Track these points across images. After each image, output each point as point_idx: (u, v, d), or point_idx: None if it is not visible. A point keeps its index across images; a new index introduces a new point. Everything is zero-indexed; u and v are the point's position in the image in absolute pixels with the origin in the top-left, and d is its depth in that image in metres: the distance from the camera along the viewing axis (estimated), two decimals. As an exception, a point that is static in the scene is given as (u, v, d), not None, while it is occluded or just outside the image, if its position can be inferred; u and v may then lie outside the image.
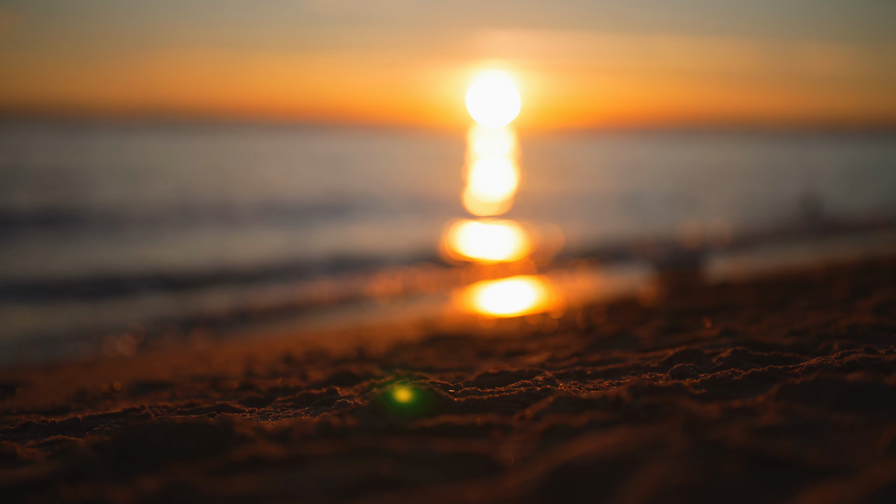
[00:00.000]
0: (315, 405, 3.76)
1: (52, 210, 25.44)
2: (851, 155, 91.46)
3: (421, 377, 3.97)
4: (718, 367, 3.68)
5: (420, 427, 2.68)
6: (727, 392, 3.17)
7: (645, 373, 3.84)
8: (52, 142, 76.33)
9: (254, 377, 5.25)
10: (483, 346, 5.69)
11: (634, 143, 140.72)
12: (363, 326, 9.52)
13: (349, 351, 6.44)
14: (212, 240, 21.77)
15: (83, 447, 2.58)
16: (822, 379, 2.82)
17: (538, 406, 2.91)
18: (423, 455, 2.30)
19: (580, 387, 3.65)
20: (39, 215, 24.36)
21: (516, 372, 3.94)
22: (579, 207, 29.54)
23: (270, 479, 2.18)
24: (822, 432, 2.42)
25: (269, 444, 2.60)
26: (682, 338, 4.92)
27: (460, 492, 2.00)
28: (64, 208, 26.14)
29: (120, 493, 2.13)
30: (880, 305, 5.46)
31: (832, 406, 2.70)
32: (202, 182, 38.36)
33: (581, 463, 2.03)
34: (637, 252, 19.67)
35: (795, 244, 21.65)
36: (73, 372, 7.03)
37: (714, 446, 2.05)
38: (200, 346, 8.52)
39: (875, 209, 32.95)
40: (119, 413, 3.82)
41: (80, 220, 24.26)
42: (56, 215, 24.52)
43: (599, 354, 4.52)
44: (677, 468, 1.91)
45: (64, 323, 11.37)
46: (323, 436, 2.62)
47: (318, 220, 26.00)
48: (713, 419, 2.47)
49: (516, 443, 2.54)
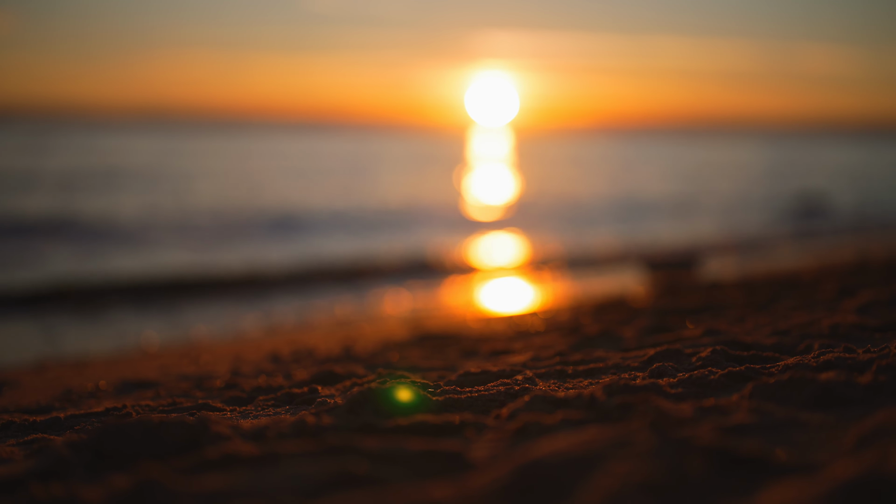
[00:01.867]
0: (296, 404, 3.78)
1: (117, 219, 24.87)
2: (850, 155, 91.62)
3: (402, 376, 3.99)
4: (697, 366, 3.69)
5: (395, 426, 2.70)
6: (702, 391, 3.18)
7: (625, 372, 3.86)
8: (55, 142, 75.89)
9: (239, 376, 5.26)
10: (469, 346, 5.70)
11: (633, 143, 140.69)
12: (353, 326, 9.53)
13: (336, 350, 6.46)
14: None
15: (59, 446, 2.59)
16: (795, 378, 2.84)
17: (514, 405, 2.92)
18: (394, 453, 2.32)
19: (559, 386, 3.67)
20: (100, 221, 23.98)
21: (497, 371, 3.95)
22: (576, 214, 29.31)
23: (241, 477, 2.20)
24: (792, 431, 2.44)
25: (244, 442, 2.62)
26: (666, 337, 4.94)
27: (427, 490, 2.02)
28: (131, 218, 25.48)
29: (91, 491, 2.15)
30: (864, 305, 5.47)
31: (803, 405, 2.72)
32: (230, 188, 37.63)
33: (547, 461, 2.04)
34: (629, 254, 19.70)
35: (789, 244, 21.68)
36: (61, 371, 7.04)
37: (680, 445, 2.07)
38: (189, 346, 8.54)
39: (869, 208, 33.05)
40: (101, 412, 3.83)
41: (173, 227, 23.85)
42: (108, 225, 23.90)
43: (581, 354, 4.53)
44: (640, 466, 1.93)
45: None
46: (297, 434, 2.64)
47: (317, 231, 25.74)
48: (684, 418, 2.49)
49: (489, 441, 2.56)
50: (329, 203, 32.30)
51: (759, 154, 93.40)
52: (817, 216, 30.67)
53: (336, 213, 28.74)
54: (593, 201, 34.15)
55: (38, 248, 19.68)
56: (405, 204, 32.09)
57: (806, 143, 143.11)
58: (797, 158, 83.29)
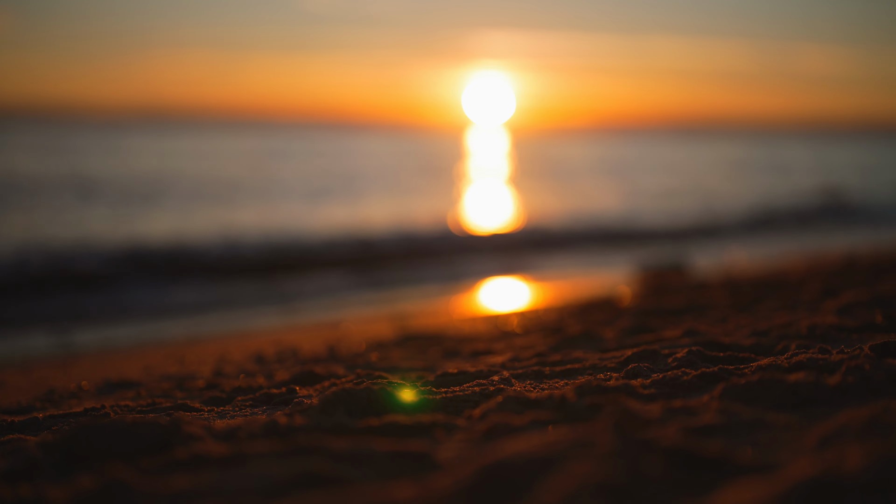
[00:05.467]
0: (273, 404, 3.80)
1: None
2: (850, 155, 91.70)
3: (381, 377, 4.00)
4: (672, 367, 3.71)
5: (366, 426, 2.72)
6: (674, 392, 3.20)
7: (601, 373, 3.88)
8: (58, 143, 74.79)
9: (221, 377, 5.27)
10: (451, 347, 5.72)
11: (630, 143, 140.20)
12: (339, 325, 9.54)
13: (320, 350, 6.47)
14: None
15: (31, 446, 2.60)
16: (764, 379, 2.87)
17: (486, 406, 2.94)
18: (361, 454, 2.34)
19: (535, 386, 3.68)
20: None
21: (475, 372, 3.97)
22: (571, 237, 26.54)
23: (207, 478, 2.21)
24: (757, 431, 2.46)
25: (215, 442, 2.64)
26: (646, 338, 4.96)
27: (390, 490, 2.04)
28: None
29: (58, 491, 2.16)
30: (845, 306, 5.50)
31: (771, 405, 2.74)
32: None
33: (509, 462, 2.06)
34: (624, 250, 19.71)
35: (783, 243, 21.68)
36: (46, 371, 7.04)
37: (641, 445, 2.09)
38: (175, 346, 8.54)
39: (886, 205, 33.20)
40: (80, 412, 3.85)
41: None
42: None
43: (560, 355, 4.55)
44: (599, 467, 1.95)
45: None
46: (268, 435, 2.65)
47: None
48: (650, 419, 2.51)
49: (457, 442, 2.58)
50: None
51: (757, 154, 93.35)
52: (845, 211, 31.03)
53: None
54: (587, 221, 30.52)
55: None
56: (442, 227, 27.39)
57: (806, 143, 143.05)
58: (796, 158, 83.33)
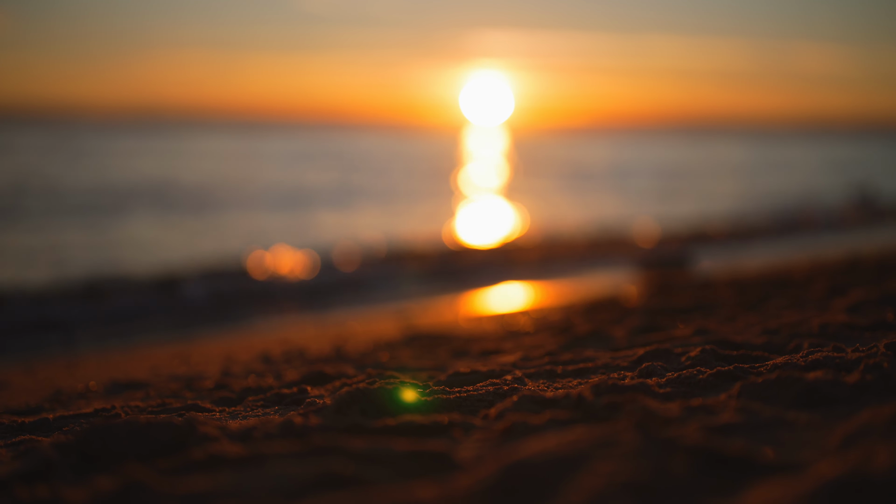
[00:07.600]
0: (285, 404, 3.77)
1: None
2: (849, 154, 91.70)
3: (392, 376, 3.99)
4: (686, 365, 3.69)
5: (382, 426, 2.70)
6: (691, 391, 3.18)
7: (614, 371, 3.85)
8: (60, 143, 74.36)
9: (229, 377, 5.26)
10: (459, 346, 5.70)
11: (629, 142, 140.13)
12: (345, 326, 9.53)
13: (327, 350, 6.45)
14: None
15: (45, 447, 2.58)
16: (782, 377, 2.84)
17: (502, 405, 2.92)
18: (379, 454, 2.32)
19: (548, 386, 3.66)
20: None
21: (487, 371, 3.95)
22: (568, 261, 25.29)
23: (226, 478, 2.19)
24: (778, 430, 2.44)
25: (231, 443, 2.61)
26: (656, 337, 4.94)
27: (412, 490, 2.02)
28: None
29: (76, 492, 2.14)
30: (855, 305, 5.48)
31: (791, 404, 2.72)
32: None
33: (532, 461, 2.04)
34: (622, 252, 19.68)
35: (783, 243, 21.66)
36: (52, 372, 7.02)
37: (665, 444, 2.07)
38: (180, 346, 8.53)
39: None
40: (90, 413, 3.83)
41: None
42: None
43: (571, 354, 4.53)
44: (625, 466, 1.93)
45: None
46: (284, 435, 2.63)
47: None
48: (670, 417, 2.49)
49: (475, 441, 2.56)
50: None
51: (756, 153, 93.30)
52: (875, 206, 31.26)
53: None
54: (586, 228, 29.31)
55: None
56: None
57: (804, 142, 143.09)
58: (798, 157, 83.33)
